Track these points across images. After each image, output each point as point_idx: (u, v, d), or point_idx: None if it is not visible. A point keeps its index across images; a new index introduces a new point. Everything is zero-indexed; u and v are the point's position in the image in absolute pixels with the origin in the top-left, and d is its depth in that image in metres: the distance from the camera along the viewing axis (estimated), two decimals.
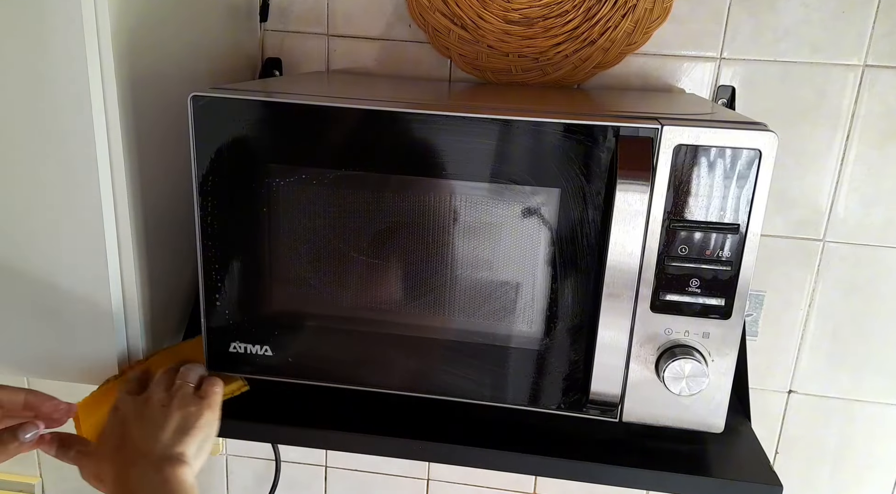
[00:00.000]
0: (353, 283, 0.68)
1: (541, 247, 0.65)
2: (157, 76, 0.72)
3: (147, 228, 0.73)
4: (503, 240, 0.65)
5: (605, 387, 0.65)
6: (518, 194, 0.63)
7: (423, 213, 0.65)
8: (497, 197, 0.64)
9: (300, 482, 1.23)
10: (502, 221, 0.65)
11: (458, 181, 0.64)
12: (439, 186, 0.64)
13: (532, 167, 0.62)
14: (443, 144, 0.62)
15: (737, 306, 0.63)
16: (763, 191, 0.60)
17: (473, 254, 0.66)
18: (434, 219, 0.65)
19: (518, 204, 0.64)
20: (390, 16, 0.97)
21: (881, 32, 0.89)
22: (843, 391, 1.04)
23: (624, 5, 0.89)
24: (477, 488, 1.18)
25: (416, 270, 0.67)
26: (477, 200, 0.64)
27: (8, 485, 1.30)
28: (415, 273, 0.67)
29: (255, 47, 1.00)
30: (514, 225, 0.65)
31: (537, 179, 0.63)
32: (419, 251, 0.66)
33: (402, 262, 0.67)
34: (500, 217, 0.65)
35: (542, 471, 0.70)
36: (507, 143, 0.62)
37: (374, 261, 0.67)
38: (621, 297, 0.63)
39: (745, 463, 0.69)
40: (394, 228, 0.66)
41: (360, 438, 0.71)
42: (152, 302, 0.75)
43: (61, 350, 0.74)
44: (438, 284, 0.67)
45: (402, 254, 0.67)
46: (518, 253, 0.65)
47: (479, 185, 0.64)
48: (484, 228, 0.65)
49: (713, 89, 0.94)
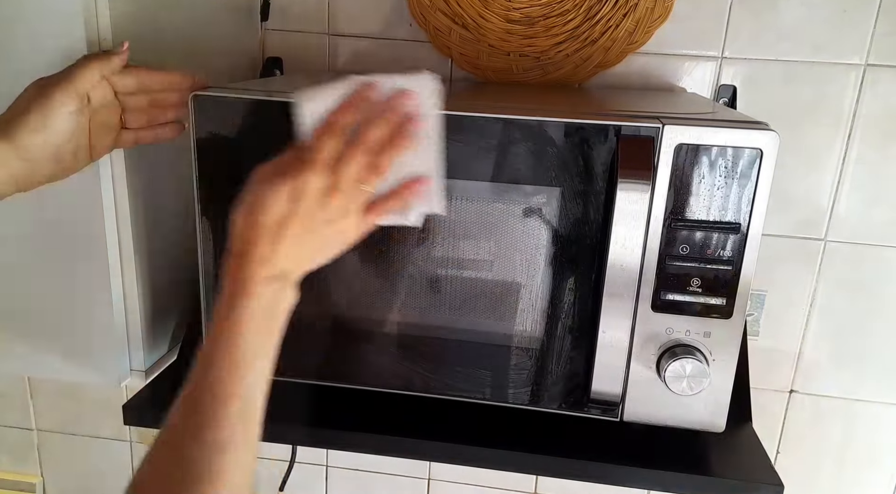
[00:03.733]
0: (353, 283, 0.68)
1: (542, 246, 0.65)
2: None
3: (147, 228, 0.73)
4: (504, 239, 0.65)
5: (606, 387, 0.65)
6: (519, 193, 0.63)
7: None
8: (498, 196, 0.64)
9: (301, 481, 1.23)
10: (503, 221, 0.65)
11: (459, 180, 0.64)
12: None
13: (533, 166, 0.62)
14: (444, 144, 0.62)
15: (738, 305, 0.63)
16: (764, 190, 0.60)
17: (474, 254, 0.66)
18: (435, 218, 0.65)
19: (519, 203, 0.64)
20: (391, 15, 0.97)
21: (882, 32, 0.89)
22: (844, 390, 1.04)
23: (625, 4, 0.89)
24: (478, 487, 1.18)
25: (416, 270, 0.67)
26: (478, 200, 0.64)
27: (9, 485, 1.30)
28: (415, 272, 0.67)
29: (256, 46, 1.00)
30: (514, 224, 0.64)
31: (538, 179, 0.63)
32: (420, 250, 0.66)
33: (403, 262, 0.67)
34: (500, 216, 0.64)
35: (542, 471, 0.70)
36: (508, 143, 0.62)
37: (375, 261, 0.67)
38: (622, 297, 0.63)
39: (746, 463, 0.69)
40: (394, 228, 0.66)
41: (361, 437, 0.71)
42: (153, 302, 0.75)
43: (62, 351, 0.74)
44: (439, 284, 0.67)
45: (402, 254, 0.67)
46: (519, 253, 0.65)
47: (480, 185, 0.64)
48: (485, 228, 0.65)
49: (714, 88, 0.94)
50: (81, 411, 1.24)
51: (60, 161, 0.58)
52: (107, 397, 1.22)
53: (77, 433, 1.26)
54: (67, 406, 1.24)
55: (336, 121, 0.55)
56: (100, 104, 0.60)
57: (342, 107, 0.55)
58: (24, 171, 0.56)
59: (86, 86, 0.58)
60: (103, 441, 1.26)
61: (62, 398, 1.23)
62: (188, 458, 0.46)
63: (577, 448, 0.69)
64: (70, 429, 1.26)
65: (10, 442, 1.28)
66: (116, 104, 0.62)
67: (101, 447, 1.26)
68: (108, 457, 1.27)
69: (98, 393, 1.21)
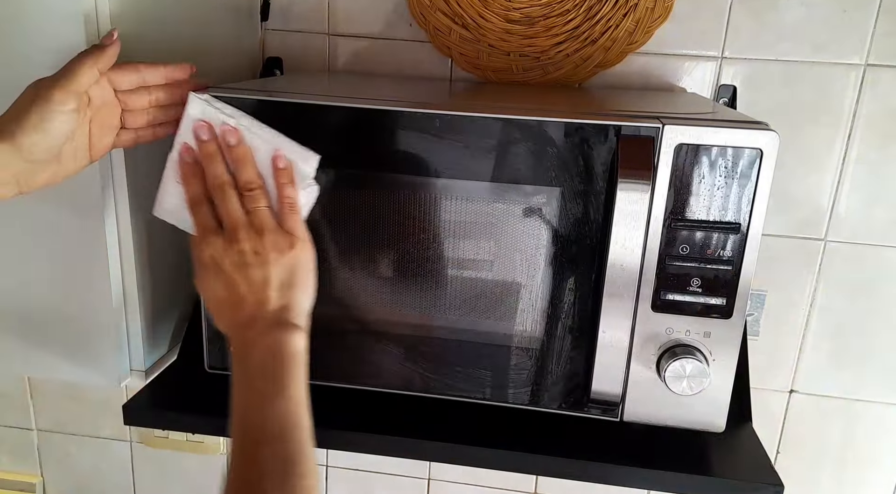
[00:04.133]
0: (353, 282, 0.68)
1: (542, 246, 0.65)
2: None
3: (147, 228, 0.73)
4: (504, 239, 0.65)
5: (606, 387, 0.65)
6: (519, 194, 0.63)
7: (424, 213, 0.65)
8: (498, 196, 0.64)
9: None
10: (503, 221, 0.65)
11: (459, 180, 0.64)
12: (440, 186, 0.64)
13: (533, 166, 0.62)
14: (444, 144, 0.62)
15: (738, 305, 0.63)
16: (764, 190, 0.60)
17: (474, 254, 0.66)
18: (435, 218, 0.65)
19: (519, 203, 0.64)
20: (391, 15, 0.97)
21: (882, 31, 0.89)
22: (844, 390, 1.04)
23: (625, 4, 0.89)
24: (478, 487, 1.18)
25: (416, 270, 0.67)
26: (478, 200, 0.64)
27: (9, 484, 1.30)
28: (415, 272, 0.67)
29: (256, 46, 1.00)
30: (515, 224, 0.64)
31: (538, 179, 0.63)
32: (420, 250, 0.66)
33: (403, 262, 0.67)
34: (500, 216, 0.64)
35: (542, 471, 0.70)
36: (508, 143, 0.62)
37: (375, 260, 0.67)
38: (622, 297, 0.63)
39: (746, 463, 0.69)
40: (395, 227, 0.66)
41: (361, 437, 0.71)
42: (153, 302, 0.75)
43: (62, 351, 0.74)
44: (439, 284, 0.67)
45: (402, 254, 0.67)
46: (519, 253, 0.65)
47: (480, 185, 0.64)
48: (485, 228, 0.65)
49: (714, 88, 0.94)
50: (81, 411, 1.24)
51: (61, 161, 0.58)
52: (107, 397, 1.22)
53: (77, 433, 1.26)
54: (67, 406, 1.24)
55: (190, 198, 0.61)
56: (100, 104, 0.60)
57: (185, 186, 0.62)
58: (25, 172, 0.57)
59: (84, 83, 0.58)
60: (103, 441, 1.26)
61: (62, 398, 1.23)
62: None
63: (577, 448, 0.69)
64: (70, 429, 1.26)
65: (10, 442, 1.28)
66: (117, 104, 0.62)
67: (101, 447, 1.26)
68: (108, 457, 1.27)
69: (98, 393, 1.21)
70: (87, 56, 0.58)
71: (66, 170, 0.59)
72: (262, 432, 0.52)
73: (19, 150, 0.55)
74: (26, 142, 0.56)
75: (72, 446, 1.27)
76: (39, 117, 0.56)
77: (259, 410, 0.53)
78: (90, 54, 0.59)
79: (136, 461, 1.27)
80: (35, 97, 0.56)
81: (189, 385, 0.75)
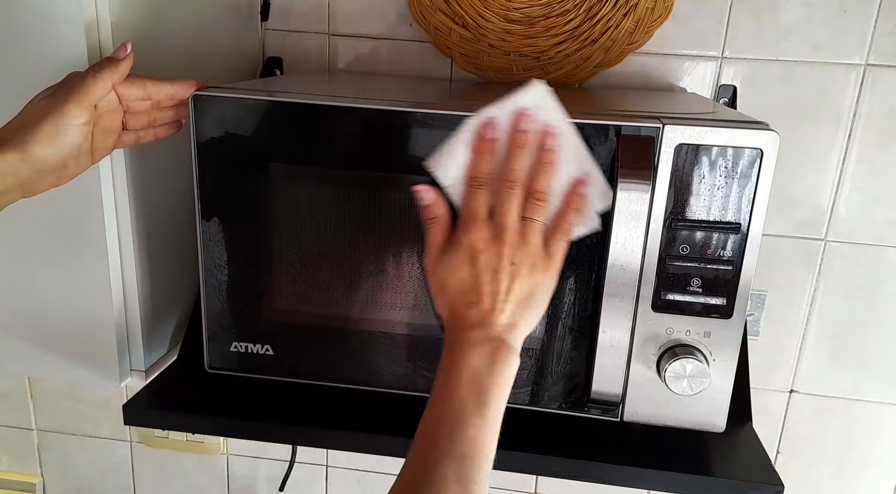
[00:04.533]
0: (355, 282, 0.68)
1: None
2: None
3: (148, 228, 0.73)
4: None
5: (606, 387, 0.65)
6: None
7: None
8: None
9: (301, 481, 1.23)
10: None
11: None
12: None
13: None
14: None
15: (738, 305, 0.63)
16: (764, 190, 0.60)
17: None
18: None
19: None
20: (391, 15, 0.97)
21: (883, 31, 0.89)
22: (844, 390, 1.04)
23: (625, 4, 0.89)
24: None
25: (418, 269, 0.67)
26: None
27: (9, 484, 1.30)
28: (417, 272, 0.67)
29: (256, 46, 1.00)
30: None
31: None
32: (421, 250, 0.66)
33: (404, 261, 0.67)
34: None
35: (542, 471, 0.70)
36: None
37: (376, 260, 0.67)
38: (622, 297, 0.63)
39: (746, 463, 0.69)
40: (395, 227, 0.66)
41: (361, 437, 0.71)
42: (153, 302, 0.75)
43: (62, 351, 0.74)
44: None
45: (403, 253, 0.67)
46: None
47: None
48: None
49: (714, 88, 0.94)
50: (81, 411, 1.24)
51: (66, 167, 0.59)
52: (107, 397, 1.22)
53: (77, 433, 1.26)
54: (67, 406, 1.24)
55: (475, 176, 0.58)
56: (105, 109, 0.60)
57: (474, 160, 0.59)
58: (31, 179, 0.57)
59: (97, 97, 0.58)
60: (103, 441, 1.26)
61: (62, 398, 1.23)
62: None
63: (577, 449, 0.69)
64: (70, 429, 1.26)
65: (10, 442, 1.28)
66: (120, 108, 0.62)
67: (101, 447, 1.26)
68: (108, 457, 1.27)
69: (98, 393, 1.22)
70: (100, 70, 0.59)
71: (69, 174, 0.60)
72: (451, 446, 0.51)
73: (30, 161, 0.56)
74: (39, 154, 0.56)
75: (72, 446, 1.27)
76: (54, 130, 0.56)
77: (454, 423, 0.52)
78: (104, 68, 0.59)
79: (136, 461, 1.27)
80: (49, 109, 0.57)
81: (189, 385, 0.75)
